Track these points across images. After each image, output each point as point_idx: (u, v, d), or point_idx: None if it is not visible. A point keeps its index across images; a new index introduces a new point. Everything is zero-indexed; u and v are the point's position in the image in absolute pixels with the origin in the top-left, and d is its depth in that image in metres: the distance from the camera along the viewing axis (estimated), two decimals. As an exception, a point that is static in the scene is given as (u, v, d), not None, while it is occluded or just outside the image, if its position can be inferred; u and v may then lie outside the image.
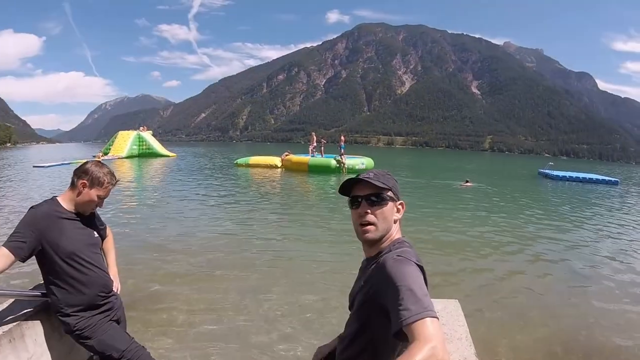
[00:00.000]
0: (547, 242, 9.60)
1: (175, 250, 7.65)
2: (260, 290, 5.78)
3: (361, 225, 1.53)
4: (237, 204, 13.42)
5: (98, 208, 2.63)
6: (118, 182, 2.65)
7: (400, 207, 1.60)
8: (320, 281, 6.27)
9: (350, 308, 1.63)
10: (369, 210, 1.52)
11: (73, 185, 2.48)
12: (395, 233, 1.57)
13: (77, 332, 2.43)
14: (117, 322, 2.64)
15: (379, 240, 1.54)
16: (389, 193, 1.54)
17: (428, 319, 1.13)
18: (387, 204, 1.53)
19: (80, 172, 2.48)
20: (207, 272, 6.49)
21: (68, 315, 2.41)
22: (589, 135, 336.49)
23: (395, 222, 1.57)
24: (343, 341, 1.60)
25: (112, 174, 2.56)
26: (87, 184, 2.44)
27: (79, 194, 2.45)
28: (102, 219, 2.85)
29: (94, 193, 2.46)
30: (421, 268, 1.39)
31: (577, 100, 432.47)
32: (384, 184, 1.53)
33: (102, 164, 2.58)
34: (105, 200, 2.62)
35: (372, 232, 1.52)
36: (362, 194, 1.54)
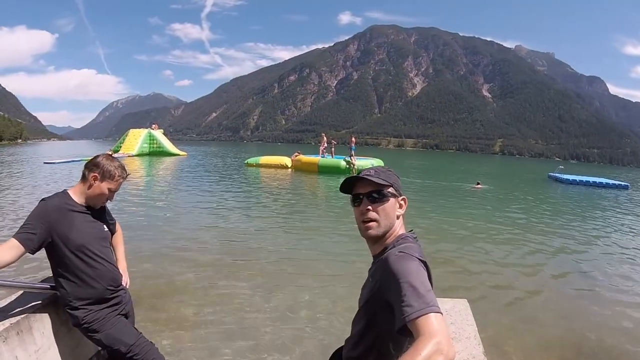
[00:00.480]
0: (557, 245, 9.64)
1: (184, 247, 7.69)
2: (269, 288, 5.74)
3: (363, 222, 1.54)
4: (246, 204, 13.53)
5: (108, 202, 2.63)
6: (128, 177, 2.65)
7: (402, 202, 1.60)
8: (329, 281, 6.29)
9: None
10: (370, 207, 1.53)
11: (84, 178, 2.48)
12: (399, 229, 1.57)
13: (85, 326, 2.43)
14: (126, 316, 2.65)
15: (382, 236, 1.55)
16: (390, 189, 1.54)
17: (432, 314, 1.13)
18: (388, 200, 1.54)
19: (92, 165, 2.47)
20: (216, 270, 6.53)
21: (76, 308, 2.41)
22: (600, 139, 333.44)
23: (397, 217, 1.57)
24: (350, 340, 1.59)
25: (123, 168, 2.56)
26: (99, 177, 2.44)
27: (90, 186, 2.45)
28: (112, 215, 2.84)
29: (105, 186, 2.46)
30: (425, 263, 1.37)
31: (588, 104, 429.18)
32: (384, 180, 1.54)
33: (113, 157, 2.58)
34: (115, 196, 2.60)
35: (374, 229, 1.53)
36: (363, 191, 1.55)
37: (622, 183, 29.77)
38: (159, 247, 7.64)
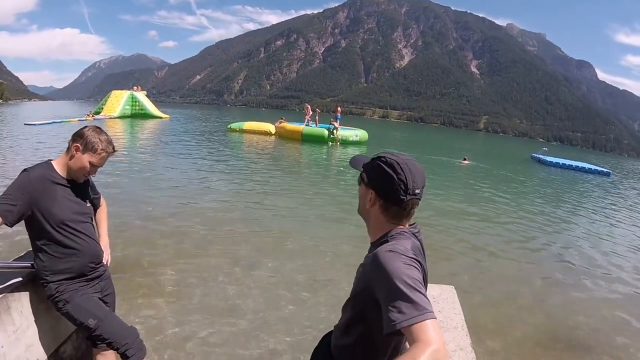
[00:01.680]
0: (541, 229, 9.68)
1: (165, 217, 7.50)
2: (251, 260, 5.75)
3: None
4: (229, 172, 13.24)
5: (91, 176, 2.51)
6: (115, 152, 2.51)
7: (372, 196, 1.46)
8: (311, 254, 6.30)
9: None
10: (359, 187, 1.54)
11: (68, 149, 2.37)
12: (386, 223, 1.45)
13: (56, 296, 2.34)
14: (103, 295, 2.56)
15: (366, 223, 1.53)
16: (363, 174, 1.50)
17: (428, 321, 1.09)
18: (360, 185, 1.53)
19: (76, 135, 2.37)
20: (198, 240, 6.40)
21: (52, 282, 2.33)
22: (584, 123, 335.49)
23: (370, 207, 1.47)
24: (338, 328, 1.55)
25: (109, 142, 2.42)
26: (80, 148, 2.33)
27: (72, 157, 2.34)
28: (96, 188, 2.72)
29: (86, 159, 2.34)
30: (419, 262, 1.31)
31: (576, 88, 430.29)
32: (360, 164, 1.54)
33: (101, 130, 2.45)
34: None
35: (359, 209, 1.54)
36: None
37: (604, 170, 29.98)
38: (139, 216, 7.40)
